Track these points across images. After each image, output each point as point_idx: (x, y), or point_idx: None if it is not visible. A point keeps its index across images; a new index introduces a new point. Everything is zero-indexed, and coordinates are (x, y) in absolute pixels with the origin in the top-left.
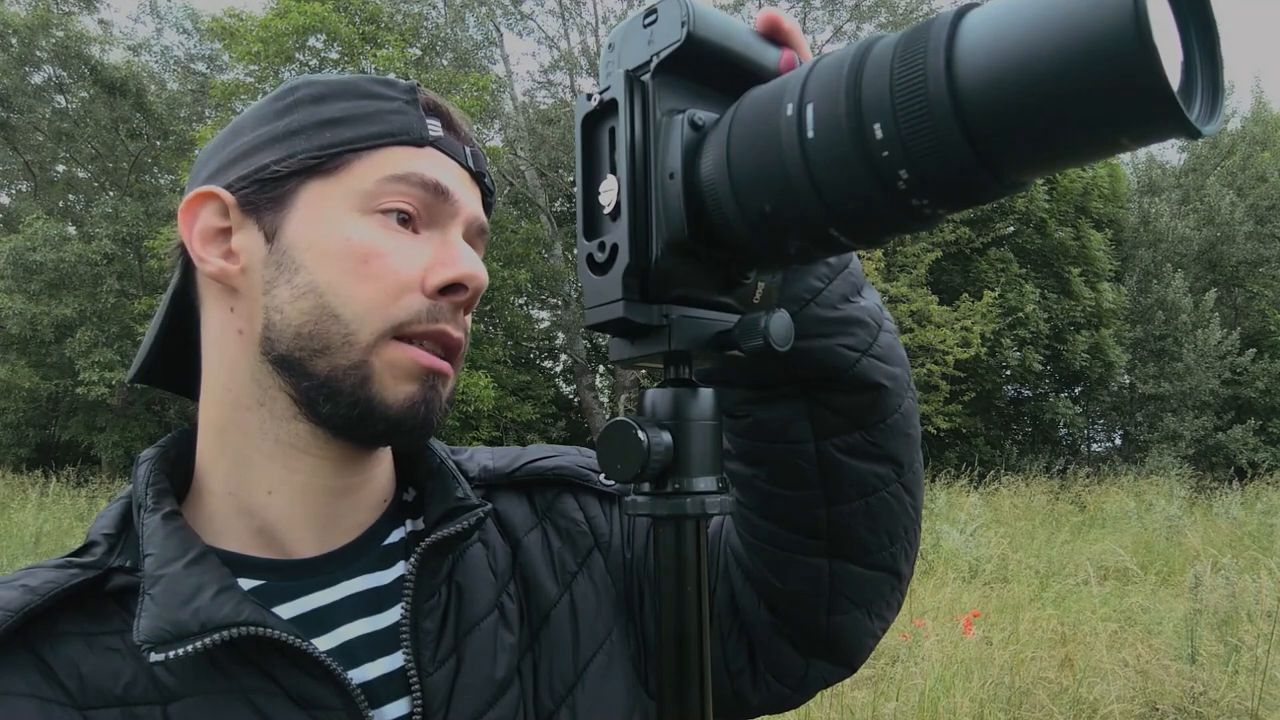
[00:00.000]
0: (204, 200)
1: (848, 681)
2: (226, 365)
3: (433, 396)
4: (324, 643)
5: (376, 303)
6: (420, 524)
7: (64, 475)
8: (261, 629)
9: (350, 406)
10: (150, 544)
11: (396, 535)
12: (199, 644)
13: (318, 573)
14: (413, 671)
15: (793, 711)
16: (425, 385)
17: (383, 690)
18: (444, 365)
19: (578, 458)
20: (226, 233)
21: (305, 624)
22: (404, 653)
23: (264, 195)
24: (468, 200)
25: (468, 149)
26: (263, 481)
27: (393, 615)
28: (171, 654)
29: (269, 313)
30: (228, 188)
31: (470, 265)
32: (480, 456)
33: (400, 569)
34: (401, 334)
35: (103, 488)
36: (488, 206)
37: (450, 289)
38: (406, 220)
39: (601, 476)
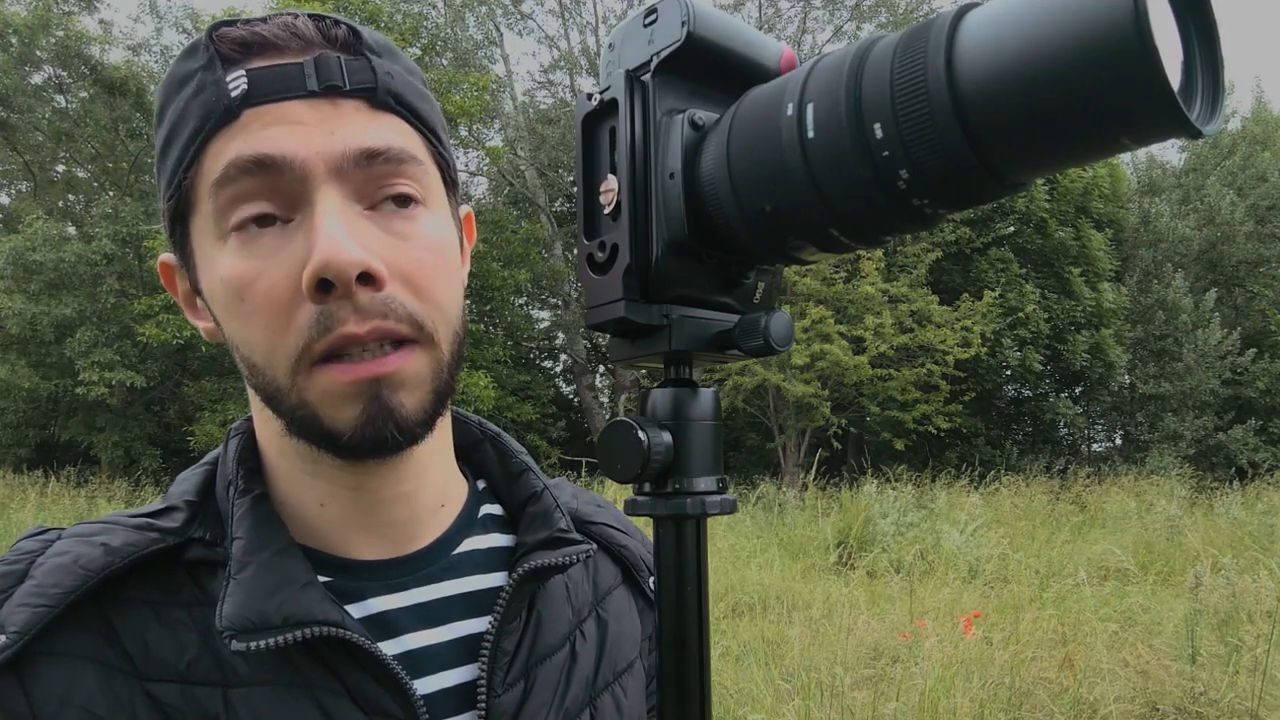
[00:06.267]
0: (166, 270)
1: (848, 681)
2: (252, 396)
3: (381, 409)
4: (388, 648)
5: (271, 342)
6: (509, 539)
7: (64, 475)
8: (339, 630)
9: (318, 440)
10: (240, 527)
11: (466, 546)
12: (281, 639)
13: (382, 577)
14: (483, 687)
15: (792, 712)
16: (368, 399)
17: (443, 704)
18: (378, 367)
19: (641, 546)
20: (190, 294)
21: (370, 626)
22: (480, 666)
23: (177, 249)
24: (315, 144)
25: (307, 60)
26: (313, 495)
27: (464, 628)
28: (253, 645)
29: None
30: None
31: (323, 251)
32: (563, 492)
33: (468, 584)
34: (316, 358)
35: (102, 488)
36: (387, 100)
37: (320, 287)
38: (269, 221)
39: (647, 582)
